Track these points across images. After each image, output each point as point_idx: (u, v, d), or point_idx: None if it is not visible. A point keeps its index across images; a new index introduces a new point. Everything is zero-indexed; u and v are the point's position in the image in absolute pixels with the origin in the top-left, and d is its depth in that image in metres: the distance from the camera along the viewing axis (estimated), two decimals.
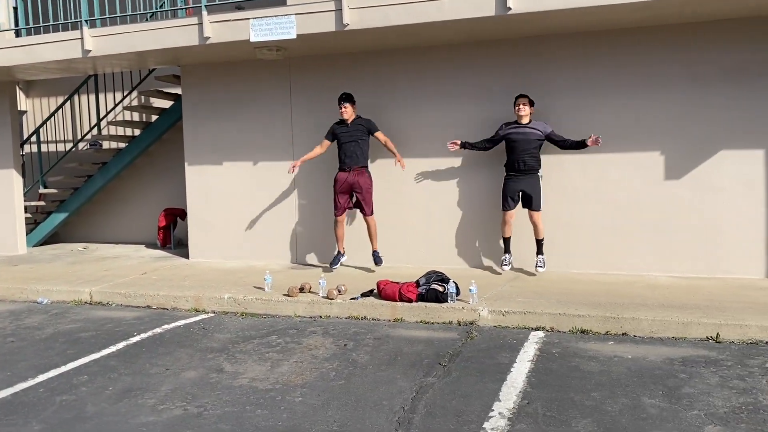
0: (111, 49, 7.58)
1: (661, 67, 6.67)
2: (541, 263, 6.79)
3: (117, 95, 10.89)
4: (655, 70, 6.69)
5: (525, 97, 6.70)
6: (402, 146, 7.52)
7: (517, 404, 3.81)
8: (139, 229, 10.87)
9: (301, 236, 8.19)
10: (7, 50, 8.14)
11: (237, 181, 8.44)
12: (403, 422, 3.61)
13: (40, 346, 5.34)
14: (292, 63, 8.06)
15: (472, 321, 5.58)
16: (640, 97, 6.75)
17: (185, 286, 6.91)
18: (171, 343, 5.31)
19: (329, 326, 5.69)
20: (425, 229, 7.62)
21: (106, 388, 4.28)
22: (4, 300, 7.22)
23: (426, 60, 7.49)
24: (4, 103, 9.81)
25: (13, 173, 9.86)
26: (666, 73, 6.66)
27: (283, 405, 3.91)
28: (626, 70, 6.78)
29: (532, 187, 6.70)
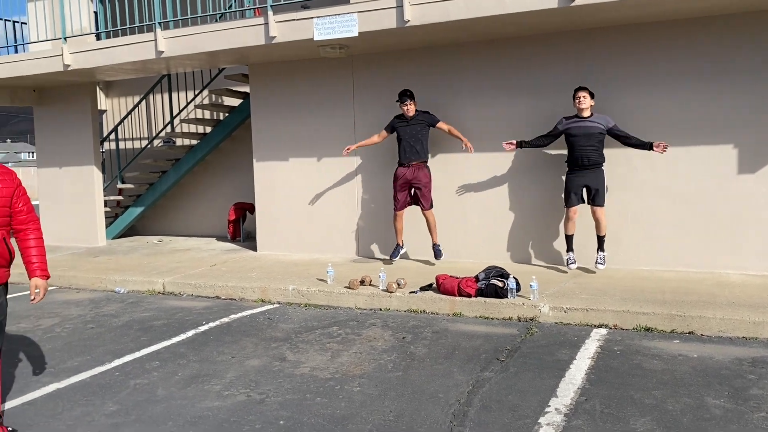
0: (182, 50, 7.90)
1: (733, 56, 6.39)
2: (602, 260, 6.64)
3: (189, 94, 11.33)
4: (727, 61, 6.42)
5: (585, 89, 6.52)
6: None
7: (575, 401, 3.78)
8: (210, 222, 11.29)
9: (363, 230, 8.32)
10: (89, 53, 8.61)
11: (302, 176, 8.64)
12: (458, 415, 3.65)
13: (116, 332, 5.66)
14: (354, 60, 8.17)
15: (532, 317, 5.54)
16: (711, 89, 6.49)
17: (252, 278, 7.15)
18: (237, 332, 5.52)
19: (388, 319, 5.78)
20: (485, 224, 7.59)
21: (176, 374, 4.51)
22: (85, 289, 7.67)
23: (486, 54, 7.45)
24: (86, 103, 10.37)
25: (93, 169, 10.42)
26: (738, 64, 6.38)
27: (341, 394, 4.02)
28: (694, 60, 6.53)
29: (597, 181, 6.53)
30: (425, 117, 7.26)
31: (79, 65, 8.68)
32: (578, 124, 6.54)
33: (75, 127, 10.48)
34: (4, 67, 9.25)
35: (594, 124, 6.48)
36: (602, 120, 6.52)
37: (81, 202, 10.54)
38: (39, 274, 3.38)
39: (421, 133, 7.23)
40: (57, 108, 10.61)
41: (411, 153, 7.24)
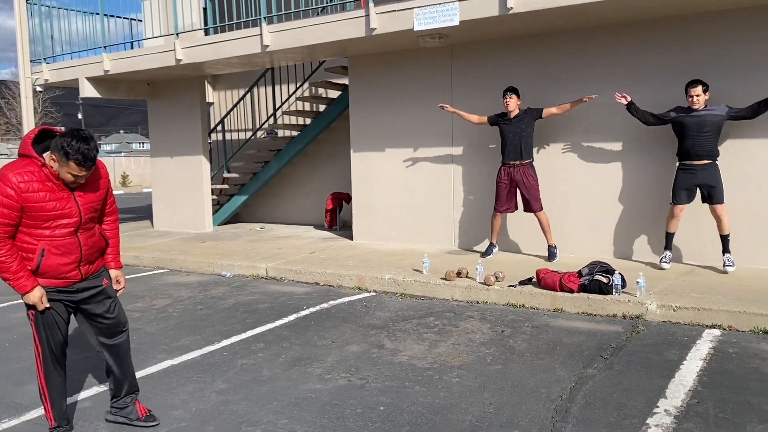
0: (286, 44, 8.13)
1: None
2: (730, 263, 6.20)
3: (290, 87, 11.66)
4: None
5: (698, 84, 6.10)
6: (567, 134, 7.31)
7: (686, 403, 3.60)
8: (308, 211, 11.60)
9: (459, 222, 8.27)
10: (198, 48, 9.04)
11: (399, 166, 8.70)
12: (560, 410, 3.57)
13: (223, 314, 5.94)
14: (454, 50, 8.12)
15: (638, 315, 5.32)
16: None
17: (349, 266, 7.28)
18: (336, 318, 5.65)
19: (486, 312, 5.72)
20: (588, 218, 7.35)
21: (280, 356, 4.68)
22: (194, 272, 8.09)
23: (593, 42, 7.18)
24: (195, 96, 10.90)
25: (202, 159, 10.95)
26: None
27: (440, 384, 4.03)
28: None
29: (711, 178, 6.13)
30: (529, 113, 7.06)
31: (189, 60, 9.12)
32: (691, 116, 6.17)
33: (185, 118, 11.04)
34: (122, 63, 9.87)
35: (708, 113, 6.10)
36: (717, 109, 6.12)
37: (190, 190, 11.11)
38: (114, 266, 3.55)
39: (525, 131, 7.04)
40: (168, 101, 11.22)
41: (514, 152, 7.07)
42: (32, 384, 4.24)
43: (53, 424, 3.31)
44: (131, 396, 3.57)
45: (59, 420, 3.32)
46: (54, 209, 3.08)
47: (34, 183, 3.03)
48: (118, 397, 3.54)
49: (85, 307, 3.33)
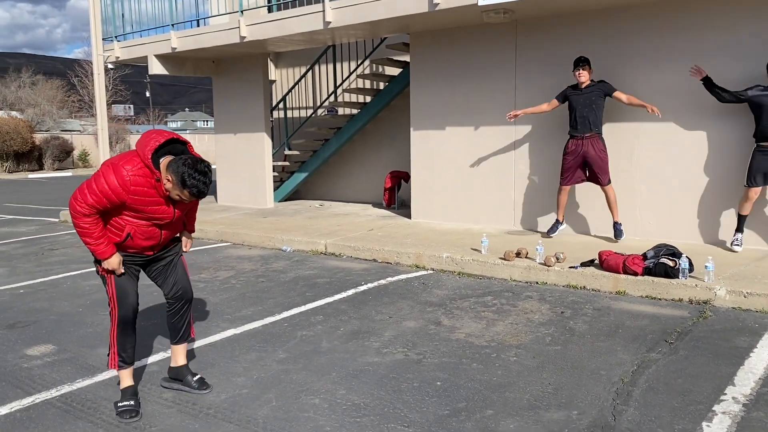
0: (348, 20, 8.13)
1: None
2: None
3: (352, 64, 11.68)
4: None
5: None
6: (635, 111, 7.07)
7: (756, 391, 3.47)
8: (367, 189, 11.66)
9: (519, 202, 8.14)
10: (262, 25, 9.14)
11: (458, 145, 8.62)
12: (621, 393, 3.50)
13: (284, 287, 6.06)
14: (518, 26, 7.93)
15: (706, 300, 5.14)
16: None
17: (407, 244, 7.29)
18: (394, 294, 5.69)
19: (545, 292, 5.64)
20: (655, 200, 7.11)
21: (338, 329, 4.74)
22: (256, 246, 8.27)
23: (668, 14, 6.88)
24: (258, 74, 11.06)
25: (264, 136, 11.13)
26: None
27: (497, 362, 4.01)
28: None
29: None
30: (600, 86, 6.85)
31: (253, 37, 9.24)
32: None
33: (248, 96, 11.23)
34: (188, 40, 10.09)
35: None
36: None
37: (252, 167, 11.33)
38: (188, 230, 3.73)
39: (595, 103, 6.83)
40: (232, 78, 11.42)
41: (583, 124, 6.88)
42: (104, 347, 4.45)
43: (117, 366, 3.44)
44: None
45: (123, 363, 3.46)
46: (152, 212, 3.28)
47: (143, 188, 3.17)
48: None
49: (153, 267, 3.59)
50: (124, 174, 3.11)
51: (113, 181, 3.11)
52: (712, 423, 3.13)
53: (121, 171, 3.12)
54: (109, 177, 3.11)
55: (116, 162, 3.15)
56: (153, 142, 3.18)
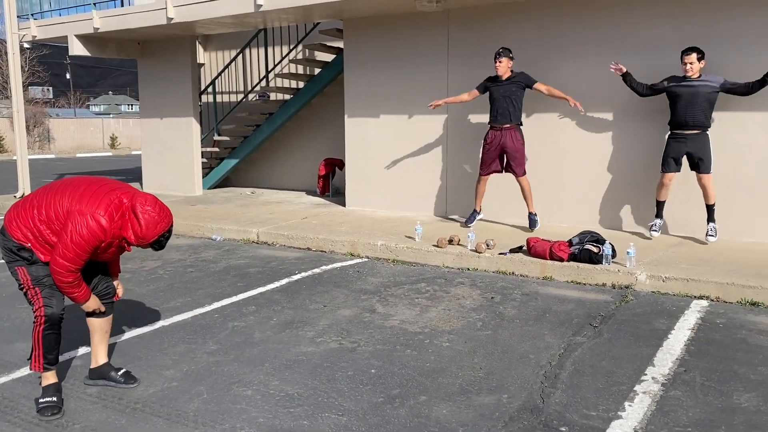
0: (280, 4, 7.97)
1: None
2: (713, 232, 6.28)
3: (284, 49, 11.48)
4: None
5: (692, 52, 6.08)
6: (561, 103, 7.26)
7: (673, 371, 3.65)
8: (301, 176, 11.54)
9: (452, 189, 8.25)
10: (191, 6, 8.85)
11: (392, 133, 8.64)
12: (549, 377, 3.61)
13: (214, 277, 5.93)
14: (451, 15, 7.99)
15: (627, 285, 5.37)
16: None
17: (342, 232, 7.27)
18: (328, 283, 5.66)
19: (477, 279, 5.75)
20: (581, 188, 7.35)
21: (271, 319, 4.68)
22: (185, 235, 8.06)
23: (591, 10, 7.09)
24: (186, 57, 10.72)
25: (192, 121, 10.83)
26: None
27: (431, 348, 4.06)
28: None
29: (701, 148, 6.16)
30: (521, 77, 6.97)
31: (181, 18, 8.95)
32: (684, 84, 6.15)
33: (175, 79, 10.88)
34: (112, 20, 9.67)
35: (702, 83, 6.08)
36: (712, 80, 6.10)
37: (180, 153, 11.01)
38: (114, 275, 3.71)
39: (515, 94, 6.95)
40: (159, 61, 11.04)
41: (503, 115, 6.98)
42: (21, 342, 4.23)
43: (41, 369, 3.28)
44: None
45: (49, 365, 3.31)
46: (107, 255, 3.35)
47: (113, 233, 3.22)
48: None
49: None
50: (102, 222, 3.14)
51: (97, 225, 3.12)
52: (633, 402, 3.27)
53: (98, 219, 3.12)
54: (91, 225, 3.11)
55: (96, 215, 3.13)
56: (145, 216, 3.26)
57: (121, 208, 3.19)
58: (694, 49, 6.12)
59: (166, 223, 3.25)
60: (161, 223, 3.22)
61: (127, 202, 3.21)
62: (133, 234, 3.21)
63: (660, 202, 6.53)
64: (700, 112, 6.11)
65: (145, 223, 3.18)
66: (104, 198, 3.17)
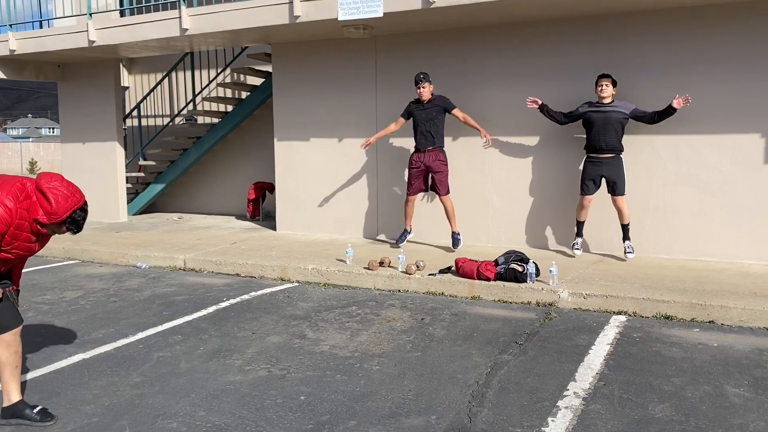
0: (206, 28, 7.92)
1: (762, 44, 6.28)
2: (630, 249, 6.60)
3: (211, 72, 11.37)
4: (755, 49, 6.31)
5: (607, 77, 6.46)
6: (486, 125, 7.49)
7: (593, 385, 3.79)
8: (230, 201, 11.38)
9: (383, 211, 8.34)
10: (113, 29, 8.66)
11: (323, 156, 8.66)
12: (476, 395, 3.68)
13: (139, 306, 5.75)
14: (378, 41, 8.14)
15: (551, 302, 5.55)
16: (739, 77, 6.40)
17: (272, 256, 7.21)
18: (257, 309, 5.59)
19: (407, 300, 5.81)
20: (506, 209, 7.58)
21: (198, 348, 4.58)
22: (108, 263, 7.79)
23: (512, 38, 7.38)
24: (109, 80, 10.44)
25: (116, 146, 10.52)
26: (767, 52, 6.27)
27: (361, 372, 4.07)
28: (723, 48, 6.43)
29: (615, 171, 6.49)
30: (441, 101, 7.17)
31: (104, 41, 8.74)
32: (598, 110, 6.50)
33: (98, 103, 10.57)
34: (29, 43, 9.33)
35: (614, 110, 6.44)
36: (623, 106, 6.46)
37: (103, 178, 10.66)
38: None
39: (437, 118, 7.14)
40: (81, 84, 10.70)
41: (426, 138, 7.17)
42: None
43: None
44: None
45: None
46: (27, 248, 3.28)
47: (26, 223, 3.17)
48: None
49: None
50: (7, 203, 3.07)
51: (1, 213, 3.06)
52: (556, 418, 3.38)
53: (3, 201, 3.05)
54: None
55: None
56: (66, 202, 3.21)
57: (25, 190, 3.16)
58: (608, 76, 6.49)
59: (77, 198, 3.20)
60: (71, 197, 3.17)
61: (31, 185, 3.19)
62: (44, 213, 3.15)
63: (580, 222, 6.81)
64: (612, 136, 6.45)
65: (54, 198, 3.13)
66: (5, 185, 3.15)
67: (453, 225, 7.32)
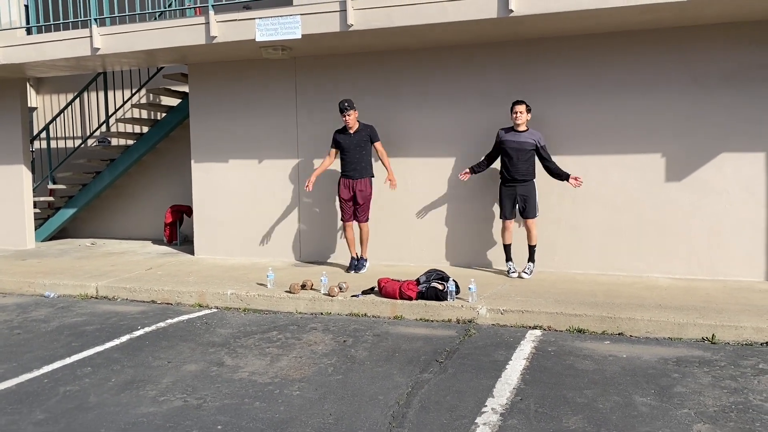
0: (120, 48, 7.69)
1: (662, 69, 6.70)
2: (528, 271, 6.81)
3: (125, 93, 11.02)
4: (656, 72, 6.72)
5: (522, 103, 6.65)
6: (406, 147, 7.62)
7: (510, 400, 3.87)
8: (146, 225, 10.99)
9: (304, 234, 8.28)
10: (18, 48, 8.27)
11: (242, 179, 8.54)
12: (397, 416, 3.68)
13: (45, 338, 5.45)
14: (297, 62, 8.14)
15: (470, 319, 5.64)
16: (641, 99, 6.79)
17: (189, 282, 7.00)
18: (174, 337, 5.41)
19: (330, 323, 5.77)
20: (427, 229, 7.68)
21: (109, 380, 4.38)
22: (12, 293, 7.35)
23: (430, 61, 7.56)
24: (15, 100, 9.94)
25: (22, 169, 10.00)
26: (667, 75, 6.69)
27: (280, 398, 3.99)
28: (627, 71, 6.82)
29: (527, 194, 6.71)
30: (368, 131, 7.22)
31: (8, 60, 8.33)
32: (513, 138, 6.69)
33: (2, 124, 10.03)
34: None
35: (527, 140, 6.65)
36: (536, 136, 6.69)
37: (8, 203, 10.09)
38: None
39: (365, 148, 7.19)
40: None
41: (355, 168, 7.19)
42: None
43: None
44: None
45: None
46: None
47: None
48: None
49: None
50: None
51: None
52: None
53: None
54: None
55: None
56: None
57: None
58: (522, 102, 6.69)
59: None
60: None
61: None
62: None
63: (506, 245, 6.95)
64: (524, 164, 6.66)
65: None
66: None
67: (364, 251, 7.41)
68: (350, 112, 7.12)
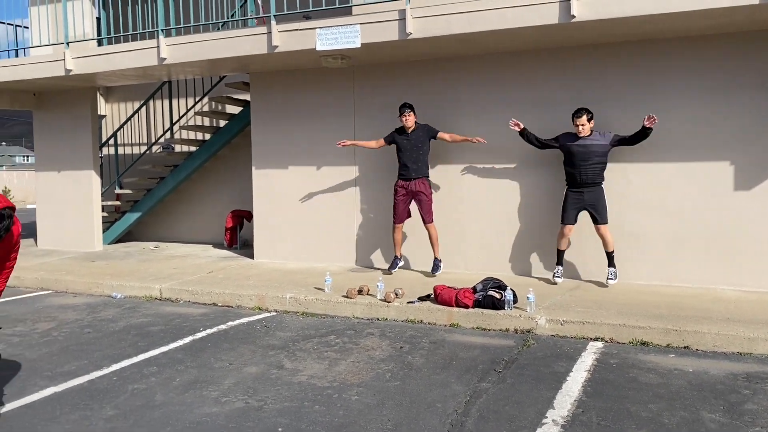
0: (185, 57, 7.95)
1: (733, 75, 6.48)
2: (612, 276, 6.65)
3: (189, 101, 11.37)
4: (727, 79, 6.50)
5: (584, 113, 6.52)
6: (464, 155, 7.59)
7: (571, 412, 3.80)
8: (207, 229, 11.29)
9: (361, 239, 8.34)
10: (90, 58, 8.65)
11: (301, 184, 8.67)
12: (456, 425, 3.67)
13: (113, 337, 5.66)
14: (356, 71, 8.24)
15: (529, 329, 5.57)
16: (711, 106, 6.57)
17: (249, 285, 7.15)
18: (234, 339, 5.53)
19: (386, 328, 5.79)
20: (484, 236, 7.63)
21: (174, 380, 4.51)
22: (82, 293, 7.66)
23: (489, 68, 7.52)
24: (86, 108, 10.39)
25: (92, 174, 10.43)
26: (738, 82, 6.46)
27: (339, 402, 4.03)
28: (695, 78, 6.62)
29: (597, 201, 6.58)
30: (425, 130, 7.31)
31: (80, 70, 8.72)
32: (578, 143, 6.58)
33: (74, 131, 10.50)
34: (4, 71, 9.27)
35: (594, 143, 6.53)
36: (603, 138, 6.56)
37: (78, 207, 10.54)
38: None
39: (422, 148, 7.27)
40: (57, 112, 10.64)
41: (412, 167, 7.29)
42: None
43: None
44: None
45: None
46: None
47: None
48: None
49: None
50: None
51: None
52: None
53: None
54: None
55: None
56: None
57: None
58: (584, 110, 6.55)
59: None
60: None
61: None
62: None
63: (560, 251, 6.87)
64: (593, 168, 6.54)
65: None
66: None
67: (436, 251, 7.42)
68: (409, 112, 7.22)
